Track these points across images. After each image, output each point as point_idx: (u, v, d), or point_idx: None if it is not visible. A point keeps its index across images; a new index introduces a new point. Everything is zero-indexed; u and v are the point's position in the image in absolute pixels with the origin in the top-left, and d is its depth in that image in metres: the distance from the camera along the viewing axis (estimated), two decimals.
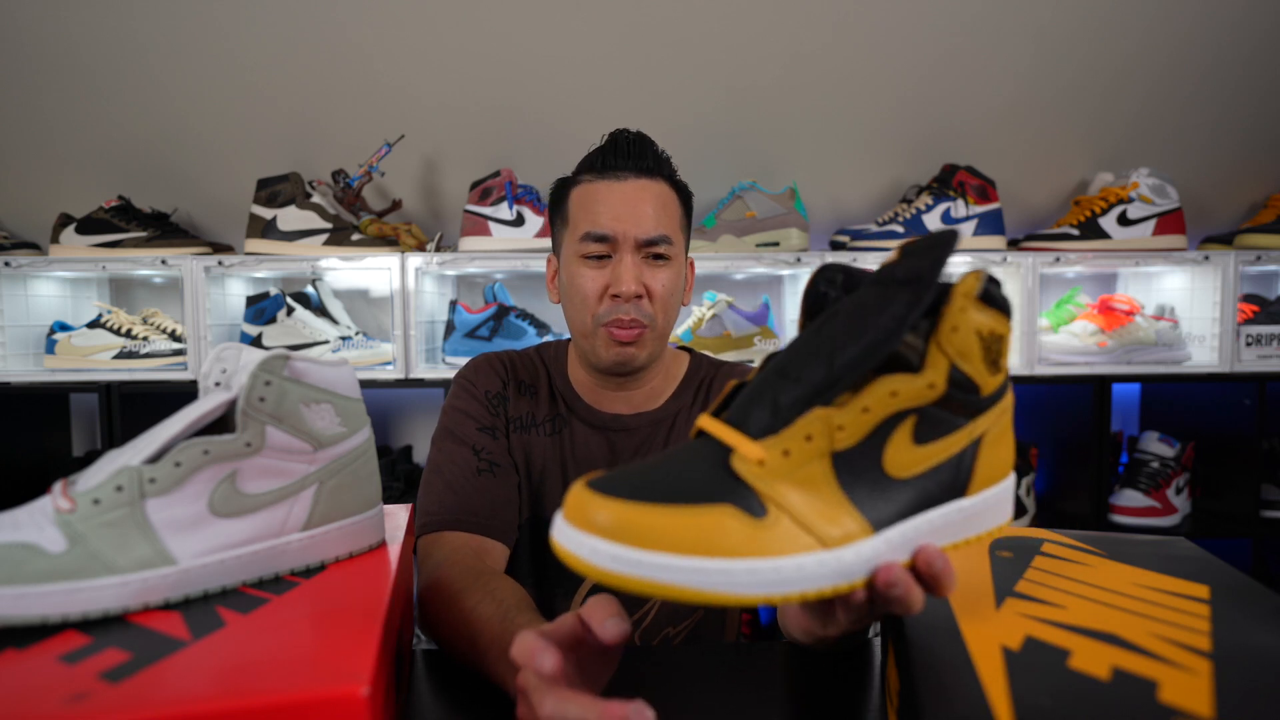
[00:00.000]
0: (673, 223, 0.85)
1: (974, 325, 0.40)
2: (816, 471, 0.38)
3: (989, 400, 0.41)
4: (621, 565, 0.35)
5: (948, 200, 1.55)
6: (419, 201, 1.76)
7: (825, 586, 0.37)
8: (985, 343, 0.40)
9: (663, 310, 0.84)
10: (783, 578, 0.36)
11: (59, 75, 1.69)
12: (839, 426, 0.38)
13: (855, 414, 0.39)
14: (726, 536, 0.36)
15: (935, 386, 0.40)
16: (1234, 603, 0.46)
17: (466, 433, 0.85)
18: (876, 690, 0.55)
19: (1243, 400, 1.53)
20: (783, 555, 0.36)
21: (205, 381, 0.49)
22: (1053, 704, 0.35)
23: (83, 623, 0.42)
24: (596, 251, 0.83)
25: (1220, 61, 1.73)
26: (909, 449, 0.40)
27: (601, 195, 0.83)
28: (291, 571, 0.50)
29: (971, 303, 0.40)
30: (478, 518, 0.80)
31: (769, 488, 0.37)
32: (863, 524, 0.38)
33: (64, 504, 0.43)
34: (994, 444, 0.43)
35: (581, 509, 0.36)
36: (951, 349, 0.40)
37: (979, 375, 0.40)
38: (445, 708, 0.55)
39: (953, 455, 0.41)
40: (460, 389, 0.89)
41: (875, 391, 0.39)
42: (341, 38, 1.68)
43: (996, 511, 0.44)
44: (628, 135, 0.86)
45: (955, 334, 0.39)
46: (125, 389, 1.48)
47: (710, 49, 1.71)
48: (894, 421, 0.40)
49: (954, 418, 0.41)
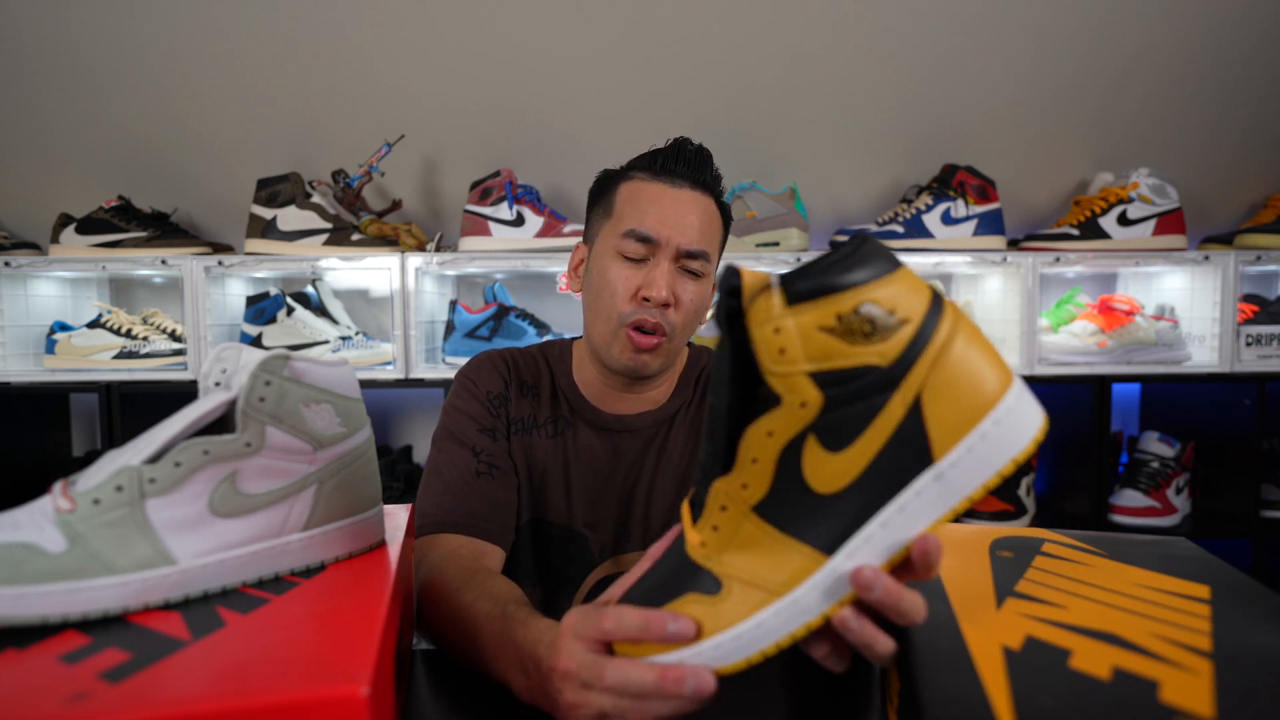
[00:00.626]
0: (713, 241, 0.85)
1: (804, 328, 0.37)
2: (751, 530, 0.40)
3: (902, 362, 0.37)
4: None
5: (948, 200, 1.55)
6: (419, 201, 1.76)
7: (796, 629, 0.39)
8: (840, 330, 0.37)
9: (684, 323, 0.84)
10: (747, 640, 0.39)
11: (59, 75, 1.69)
12: (743, 485, 0.40)
13: (748, 468, 0.40)
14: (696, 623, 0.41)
15: (809, 404, 0.38)
16: (1234, 603, 0.46)
17: (466, 433, 0.85)
18: (876, 690, 0.55)
19: (1243, 400, 1.53)
20: (740, 621, 0.39)
21: (205, 381, 0.49)
22: (1053, 704, 0.35)
23: (83, 623, 0.42)
24: (636, 253, 0.82)
25: (1220, 61, 1.73)
26: (828, 462, 0.38)
27: (654, 196, 0.83)
28: (291, 571, 0.50)
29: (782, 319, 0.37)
30: (475, 520, 0.80)
31: (716, 564, 0.41)
32: (812, 554, 0.39)
33: (64, 504, 0.43)
34: (947, 387, 0.38)
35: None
36: (797, 367, 0.37)
37: (864, 356, 0.37)
38: (445, 708, 0.55)
39: (890, 436, 0.38)
40: (461, 388, 0.88)
41: (751, 442, 0.39)
42: (341, 38, 1.68)
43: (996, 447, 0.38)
44: (691, 145, 0.85)
45: (786, 355, 0.37)
46: (125, 389, 1.48)
47: (710, 49, 1.71)
48: (793, 450, 0.39)
49: (864, 404, 0.38)
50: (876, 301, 0.37)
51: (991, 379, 0.38)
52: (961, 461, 0.38)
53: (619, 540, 0.87)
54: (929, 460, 0.38)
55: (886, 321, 0.37)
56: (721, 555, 0.41)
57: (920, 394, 0.38)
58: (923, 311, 0.38)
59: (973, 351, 0.39)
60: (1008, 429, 0.38)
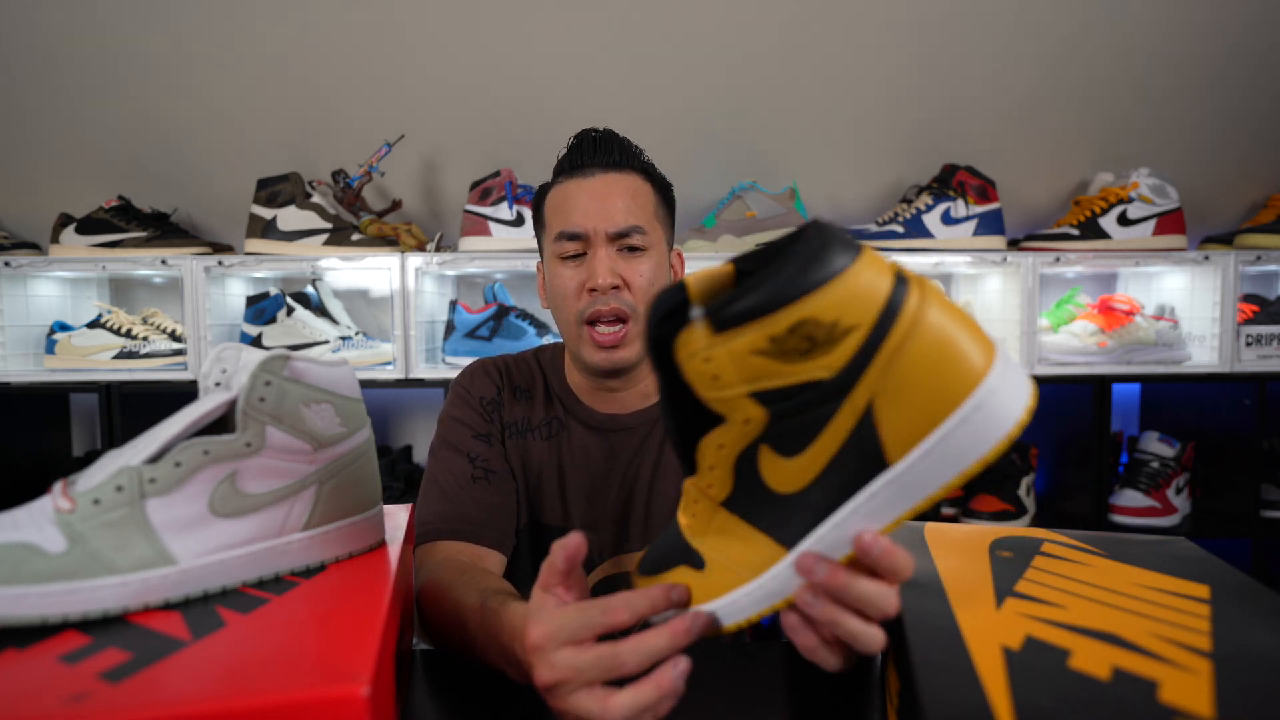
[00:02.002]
0: (645, 213, 0.85)
1: (735, 354, 0.36)
2: (723, 520, 0.44)
3: (849, 372, 0.36)
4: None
5: (948, 200, 1.55)
6: (419, 201, 1.76)
7: (764, 608, 0.43)
8: (775, 350, 0.35)
9: (644, 301, 0.84)
10: (725, 613, 0.44)
11: (59, 75, 1.69)
12: (708, 485, 0.43)
13: (707, 473, 0.43)
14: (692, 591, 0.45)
15: (752, 420, 0.39)
16: (1234, 603, 0.46)
17: (461, 440, 0.86)
18: (876, 690, 0.55)
19: (1243, 400, 1.53)
20: (720, 595, 0.43)
21: (205, 381, 0.49)
22: (1053, 704, 0.35)
23: (83, 623, 0.42)
24: (571, 250, 0.83)
25: (1221, 61, 1.73)
26: (782, 466, 0.40)
27: (572, 194, 0.84)
28: (291, 571, 0.50)
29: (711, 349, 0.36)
30: (472, 526, 0.80)
31: (700, 543, 0.45)
32: (775, 547, 0.42)
33: (64, 504, 0.43)
34: (893, 400, 0.36)
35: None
36: (734, 389, 0.37)
37: (799, 375, 0.36)
38: (445, 708, 0.55)
39: (842, 444, 0.38)
40: (456, 396, 0.89)
41: (705, 452, 0.42)
42: (341, 38, 1.68)
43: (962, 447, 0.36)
44: (593, 133, 0.86)
45: (720, 380, 0.37)
46: (125, 389, 1.48)
47: (710, 49, 1.71)
48: (747, 457, 0.41)
49: (814, 414, 0.37)
50: (815, 317, 0.35)
51: (958, 375, 0.35)
52: (918, 465, 0.37)
53: (619, 540, 0.87)
54: (884, 464, 0.38)
55: (829, 335, 0.35)
56: (703, 537, 0.45)
57: (872, 400, 0.37)
58: (874, 315, 0.35)
59: (937, 347, 0.36)
60: (974, 429, 0.36)
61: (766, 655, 0.63)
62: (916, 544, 0.58)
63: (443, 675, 0.60)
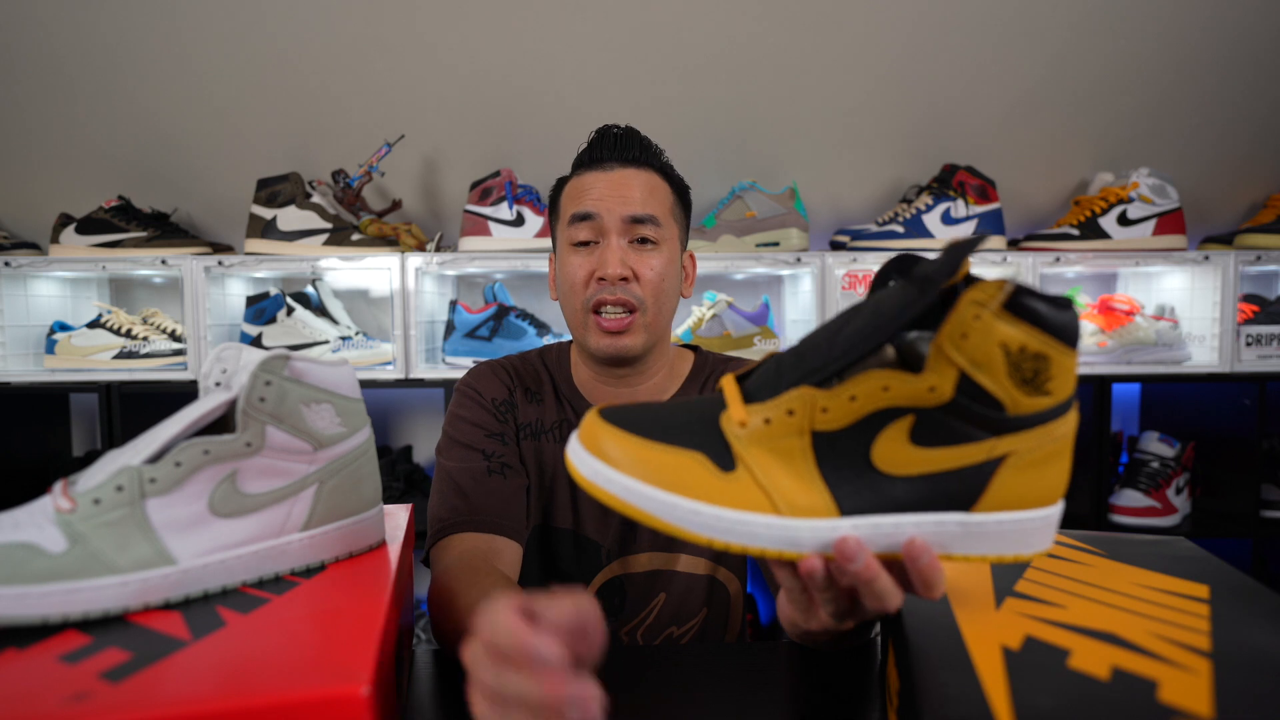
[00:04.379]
0: (661, 207, 0.85)
1: (996, 337, 0.37)
2: (794, 446, 0.40)
3: (1022, 421, 0.39)
4: (608, 485, 0.41)
5: (948, 200, 1.55)
6: (419, 201, 1.76)
7: (769, 548, 0.40)
8: (1013, 358, 0.38)
9: (654, 296, 0.83)
10: (723, 526, 0.40)
11: (59, 75, 1.69)
12: (822, 408, 0.40)
13: (841, 399, 0.40)
14: (688, 477, 0.40)
15: (937, 390, 0.38)
16: (1234, 603, 0.46)
17: (474, 439, 0.84)
18: (876, 690, 0.55)
19: (1243, 400, 1.53)
20: (732, 507, 0.40)
21: (205, 381, 0.50)
22: (1053, 704, 0.35)
23: (83, 622, 0.42)
24: (584, 236, 0.83)
25: (1221, 62, 1.73)
26: (904, 447, 0.39)
27: (588, 182, 0.84)
28: (291, 571, 0.50)
29: (989, 311, 0.37)
30: (490, 516, 0.79)
31: (743, 448, 0.41)
32: (829, 504, 0.40)
33: (64, 504, 0.43)
34: (1026, 468, 0.40)
35: (591, 433, 0.42)
36: (962, 356, 0.38)
37: (1003, 391, 0.38)
38: (445, 708, 0.55)
39: (963, 466, 0.39)
40: (465, 398, 0.88)
41: (865, 382, 0.39)
42: (341, 38, 1.68)
43: (1016, 539, 0.41)
44: (615, 129, 0.86)
45: (966, 341, 0.38)
46: (125, 389, 1.48)
47: (710, 49, 1.71)
48: (886, 416, 0.39)
49: (967, 428, 0.39)
50: (1050, 360, 0.38)
51: (1053, 492, 0.41)
52: (987, 529, 0.40)
53: (625, 542, 0.86)
54: (968, 506, 0.40)
55: (1039, 386, 0.38)
56: (753, 446, 0.40)
57: (1007, 456, 0.40)
58: (1064, 400, 0.39)
59: (1060, 461, 0.41)
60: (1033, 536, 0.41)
61: (766, 655, 0.63)
62: None
63: (443, 675, 0.60)
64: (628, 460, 0.40)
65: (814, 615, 0.46)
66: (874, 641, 0.63)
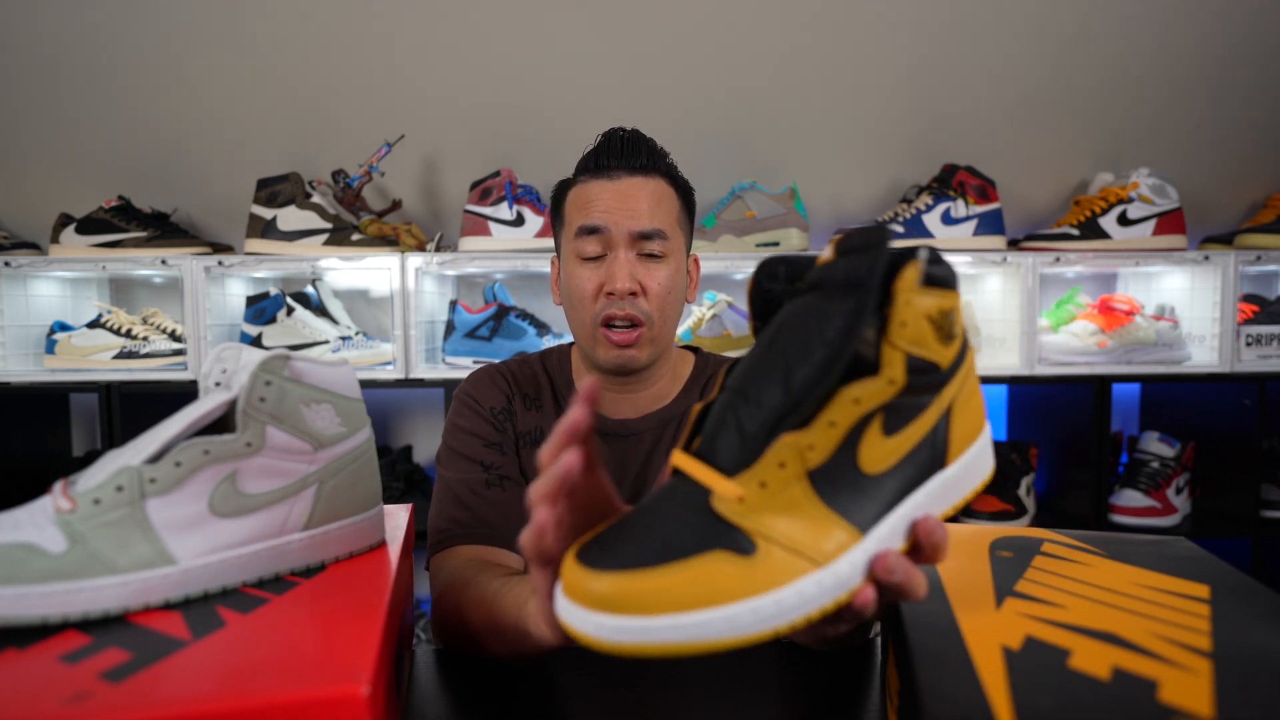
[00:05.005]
0: (669, 218, 0.85)
1: (922, 311, 0.39)
2: (797, 494, 0.38)
3: (951, 371, 0.41)
4: (628, 635, 0.35)
5: (948, 200, 1.55)
6: (419, 201, 1.76)
7: (828, 603, 0.38)
8: (936, 323, 0.40)
9: (660, 309, 0.83)
10: (785, 608, 0.37)
11: (59, 75, 1.69)
12: (809, 446, 0.39)
13: (823, 430, 0.39)
14: (724, 583, 0.36)
15: (895, 382, 0.39)
16: (1234, 603, 0.46)
17: (473, 450, 0.84)
18: (876, 690, 0.55)
19: (1243, 400, 1.53)
20: (780, 586, 0.37)
21: (205, 381, 0.50)
22: (1053, 704, 0.35)
23: (83, 623, 0.42)
24: (591, 250, 0.83)
25: (1221, 62, 1.73)
26: (881, 444, 0.40)
27: (595, 192, 0.83)
28: (292, 571, 0.50)
29: (914, 293, 0.39)
30: (491, 528, 0.79)
31: (754, 523, 0.38)
32: (851, 531, 0.39)
33: (64, 504, 0.43)
34: (963, 407, 0.43)
35: (578, 585, 0.37)
36: (904, 342, 0.39)
37: (935, 354, 0.40)
38: (445, 708, 0.55)
39: (926, 435, 0.41)
40: (463, 406, 0.88)
41: (839, 404, 0.39)
42: (341, 38, 1.69)
43: (976, 470, 0.44)
44: (621, 133, 0.86)
45: (905, 328, 0.39)
46: (125, 389, 1.48)
47: (710, 48, 1.71)
48: (863, 424, 0.39)
49: (919, 400, 0.41)
50: (956, 309, 0.41)
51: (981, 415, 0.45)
52: (957, 474, 0.43)
53: None
54: (942, 464, 0.42)
55: (952, 329, 0.41)
56: (761, 515, 0.38)
57: (951, 404, 0.42)
58: (963, 333, 0.42)
59: (977, 383, 0.44)
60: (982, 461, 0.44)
61: (766, 655, 0.63)
62: None
63: (443, 675, 0.60)
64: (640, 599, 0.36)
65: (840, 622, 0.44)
66: (874, 641, 0.63)
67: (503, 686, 0.56)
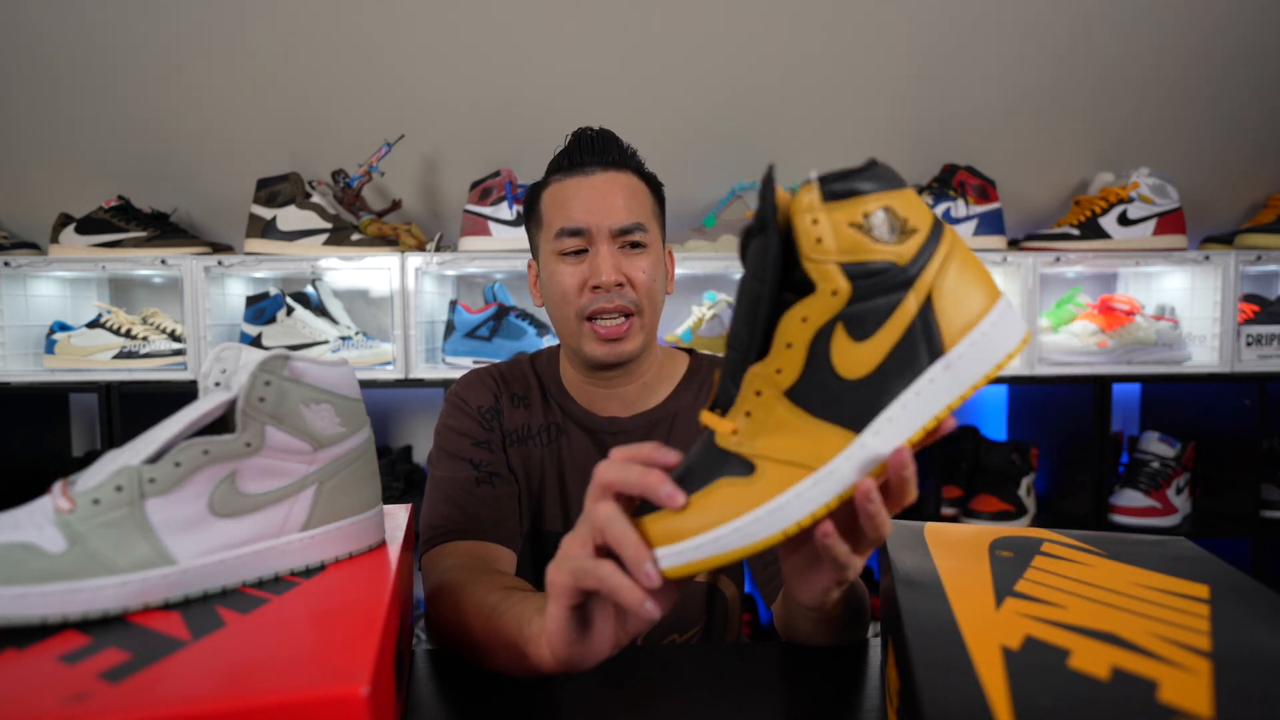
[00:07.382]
0: (645, 211, 0.85)
1: (837, 224, 0.41)
2: (783, 414, 0.43)
3: (917, 263, 0.42)
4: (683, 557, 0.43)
5: (948, 200, 1.55)
6: (419, 201, 1.76)
7: (830, 499, 0.42)
8: (867, 227, 0.41)
9: (647, 297, 0.84)
10: (788, 511, 0.42)
11: (59, 76, 1.69)
12: (776, 370, 0.43)
13: (782, 353, 0.43)
14: (732, 503, 0.43)
15: (839, 292, 0.41)
16: (1234, 603, 0.46)
17: (462, 449, 0.85)
18: (876, 690, 0.55)
19: (1243, 400, 1.53)
20: (778, 494, 0.42)
21: (205, 381, 0.50)
22: (1053, 704, 0.35)
23: (83, 623, 0.42)
24: (573, 247, 0.83)
25: (1221, 61, 1.73)
26: (853, 350, 0.42)
27: (571, 191, 0.84)
28: (291, 571, 0.50)
29: (819, 212, 0.41)
30: (482, 525, 0.80)
31: (750, 448, 0.43)
32: (843, 433, 0.42)
33: (64, 504, 0.43)
34: (949, 291, 0.43)
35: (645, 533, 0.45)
36: (830, 256, 0.41)
37: (884, 254, 0.41)
38: (445, 708, 0.55)
39: (906, 329, 0.42)
40: (452, 407, 0.89)
41: (788, 326, 0.42)
42: (341, 38, 1.69)
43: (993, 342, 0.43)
44: (590, 132, 0.86)
45: (822, 244, 0.41)
46: (125, 389, 1.48)
47: (710, 49, 1.71)
48: (823, 337, 0.42)
49: (885, 299, 0.42)
50: (893, 208, 0.42)
51: (986, 290, 0.44)
52: (966, 354, 0.43)
53: None
54: (940, 351, 0.42)
55: (902, 227, 0.42)
56: (754, 440, 0.43)
57: (931, 293, 0.42)
58: (929, 225, 0.43)
59: (969, 266, 0.44)
60: (1001, 331, 0.43)
61: (766, 655, 0.63)
62: (917, 544, 0.58)
63: (443, 675, 0.60)
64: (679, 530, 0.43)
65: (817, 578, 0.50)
66: (873, 641, 0.63)
67: (503, 687, 0.56)
